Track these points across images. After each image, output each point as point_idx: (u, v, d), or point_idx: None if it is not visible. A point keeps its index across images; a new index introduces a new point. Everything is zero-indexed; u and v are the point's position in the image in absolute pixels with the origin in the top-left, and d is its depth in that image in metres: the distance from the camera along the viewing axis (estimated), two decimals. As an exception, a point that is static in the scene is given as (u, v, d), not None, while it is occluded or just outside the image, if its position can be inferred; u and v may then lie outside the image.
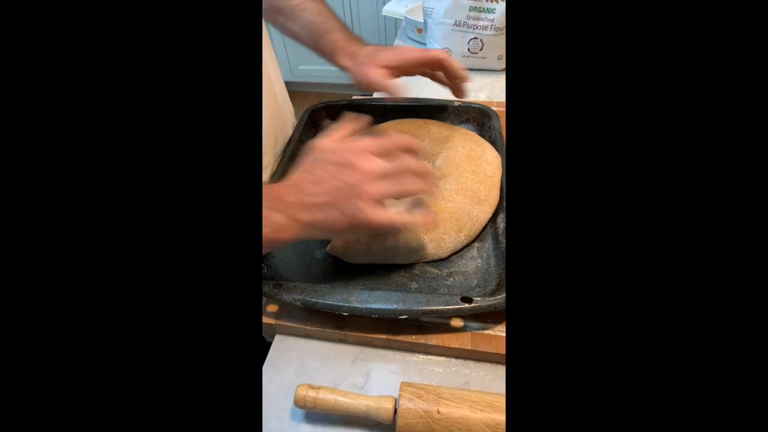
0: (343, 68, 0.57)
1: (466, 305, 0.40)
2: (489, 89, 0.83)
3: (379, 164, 0.39)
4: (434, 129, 0.61)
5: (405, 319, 0.42)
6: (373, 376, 0.41)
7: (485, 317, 0.43)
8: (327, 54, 0.58)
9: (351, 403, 0.36)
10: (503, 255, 0.46)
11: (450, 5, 0.81)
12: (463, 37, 0.84)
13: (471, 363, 0.42)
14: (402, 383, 0.37)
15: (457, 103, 0.67)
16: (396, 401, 0.36)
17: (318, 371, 0.42)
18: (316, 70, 2.37)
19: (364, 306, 0.40)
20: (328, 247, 0.48)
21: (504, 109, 0.72)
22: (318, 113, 0.69)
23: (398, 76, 0.54)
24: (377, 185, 0.38)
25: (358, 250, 0.47)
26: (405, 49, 0.55)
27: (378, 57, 0.54)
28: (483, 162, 0.55)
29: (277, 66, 0.66)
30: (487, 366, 0.42)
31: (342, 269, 0.48)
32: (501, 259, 0.46)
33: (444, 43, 0.86)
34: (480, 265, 0.48)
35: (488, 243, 0.50)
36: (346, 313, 0.41)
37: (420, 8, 0.90)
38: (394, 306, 0.40)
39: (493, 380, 0.41)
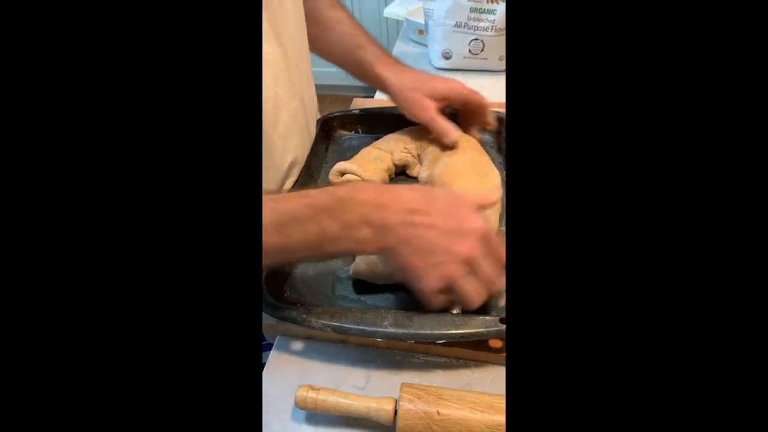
0: (385, 79, 0.57)
1: (505, 327, 0.38)
2: (490, 90, 0.83)
3: (474, 251, 0.35)
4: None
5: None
6: (373, 378, 0.42)
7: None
8: (366, 65, 0.59)
9: (352, 405, 0.36)
10: None
11: (450, 6, 0.81)
12: (464, 38, 0.84)
13: (472, 364, 0.42)
14: (402, 384, 0.37)
15: None
16: (396, 402, 0.36)
17: (319, 372, 0.42)
18: (315, 72, 2.34)
19: (400, 331, 0.39)
20: (352, 270, 0.46)
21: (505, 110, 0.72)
22: (329, 123, 0.68)
23: (444, 107, 0.57)
24: (457, 268, 0.35)
25: (382, 272, 0.45)
26: (454, 82, 0.57)
27: (428, 85, 0.56)
28: (488, 172, 0.53)
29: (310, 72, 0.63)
30: (489, 367, 0.42)
31: (367, 289, 0.46)
32: None
33: (445, 44, 0.86)
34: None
35: None
36: (380, 339, 0.40)
37: (421, 10, 0.90)
38: (431, 331, 0.39)
39: (494, 381, 0.41)
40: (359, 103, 0.76)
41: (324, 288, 0.47)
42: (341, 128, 0.69)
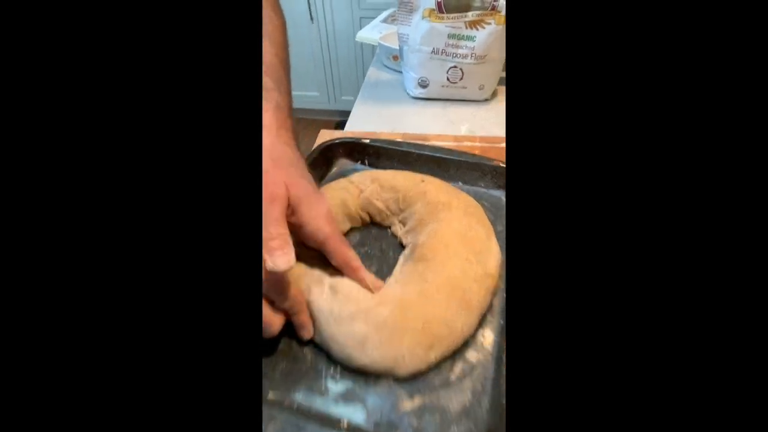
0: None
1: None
2: (471, 121, 0.77)
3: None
4: (431, 190, 0.47)
5: None
6: None
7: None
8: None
9: None
10: (502, 394, 0.32)
11: (426, 32, 0.75)
12: (442, 65, 0.78)
13: None
14: None
15: (495, 163, 0.54)
16: None
17: None
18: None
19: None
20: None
21: (488, 145, 0.65)
22: (334, 150, 0.59)
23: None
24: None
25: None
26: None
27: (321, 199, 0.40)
28: (484, 250, 0.40)
29: None
30: None
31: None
32: (498, 399, 0.32)
33: (421, 71, 0.80)
34: (468, 402, 0.32)
35: (486, 368, 0.35)
36: None
37: (395, 34, 0.84)
38: None
39: None
40: (326, 135, 0.68)
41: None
42: (345, 156, 0.60)
